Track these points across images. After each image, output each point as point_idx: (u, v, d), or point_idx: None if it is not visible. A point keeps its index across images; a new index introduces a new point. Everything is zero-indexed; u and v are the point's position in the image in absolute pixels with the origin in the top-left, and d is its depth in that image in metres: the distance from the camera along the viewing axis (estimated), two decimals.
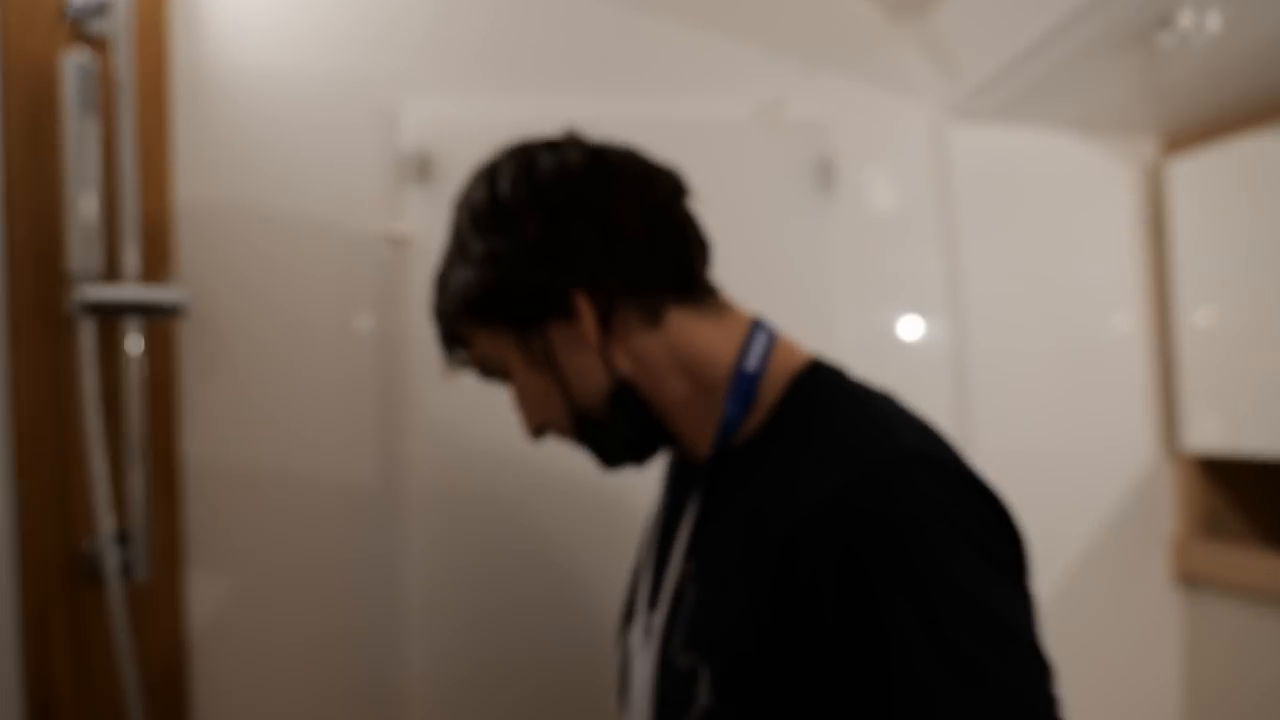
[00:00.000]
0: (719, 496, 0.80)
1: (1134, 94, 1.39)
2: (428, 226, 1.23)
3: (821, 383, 0.79)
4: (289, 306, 1.23)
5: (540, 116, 1.23)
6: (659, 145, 1.03)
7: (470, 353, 0.88)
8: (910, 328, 1.44)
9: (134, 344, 1.12)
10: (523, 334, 0.82)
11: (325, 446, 1.25)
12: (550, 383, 0.83)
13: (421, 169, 1.25)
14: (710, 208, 1.04)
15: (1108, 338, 1.52)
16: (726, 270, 1.06)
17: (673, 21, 1.36)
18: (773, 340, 0.83)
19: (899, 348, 1.44)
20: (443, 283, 0.87)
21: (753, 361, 0.80)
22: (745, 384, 0.80)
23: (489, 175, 0.84)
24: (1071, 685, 1.43)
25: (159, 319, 1.13)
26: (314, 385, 1.24)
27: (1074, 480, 1.49)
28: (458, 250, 0.85)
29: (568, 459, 1.24)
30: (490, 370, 0.88)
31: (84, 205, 1.07)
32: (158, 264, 1.15)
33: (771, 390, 0.80)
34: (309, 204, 1.24)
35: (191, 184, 1.19)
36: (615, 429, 0.84)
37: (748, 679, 0.70)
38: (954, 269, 1.44)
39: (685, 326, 0.82)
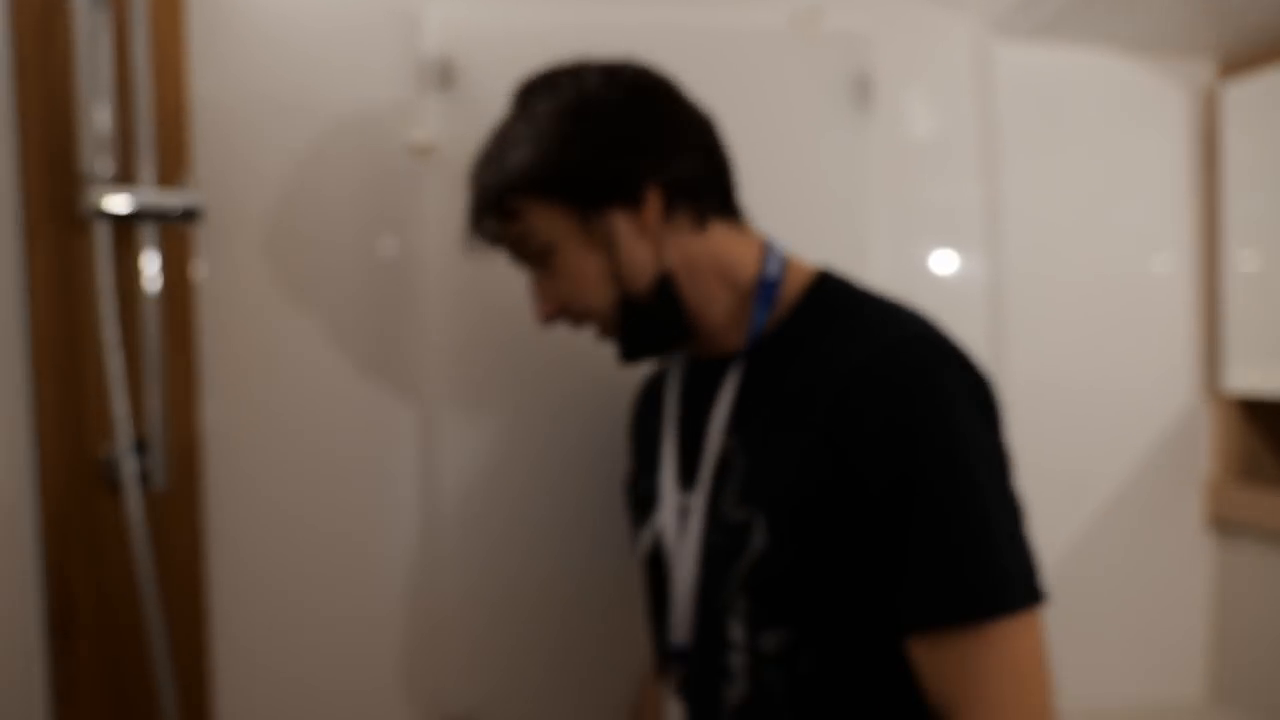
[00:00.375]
0: (756, 381, 0.91)
1: (1192, 9, 1.31)
2: (449, 135, 1.20)
3: (835, 287, 0.93)
4: (307, 214, 1.20)
5: (567, 22, 1.19)
6: (687, 55, 1.00)
7: (513, 228, 0.93)
8: (946, 258, 1.40)
9: (150, 248, 1.10)
10: (585, 214, 0.91)
11: (347, 351, 1.23)
12: (601, 265, 0.92)
13: (444, 75, 1.21)
14: (741, 122, 1.01)
15: (1151, 273, 1.47)
16: (756, 190, 1.03)
17: None
18: (784, 255, 0.96)
19: (933, 278, 1.39)
20: (501, 156, 0.93)
21: (773, 270, 0.93)
22: (769, 289, 0.93)
23: (574, 75, 0.93)
24: (1099, 624, 1.42)
25: (174, 224, 1.11)
26: (333, 293, 1.22)
27: (1109, 419, 1.45)
28: (531, 131, 0.92)
29: (595, 375, 1.23)
30: (527, 248, 0.94)
31: (97, 105, 1.04)
32: (173, 167, 1.12)
33: (789, 294, 0.93)
34: (327, 108, 1.20)
35: (207, 85, 1.16)
36: (653, 316, 0.93)
37: (798, 522, 0.83)
38: (993, 197, 1.39)
39: (723, 236, 0.94)
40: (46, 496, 1.09)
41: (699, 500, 0.92)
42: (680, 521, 0.94)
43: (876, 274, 1.32)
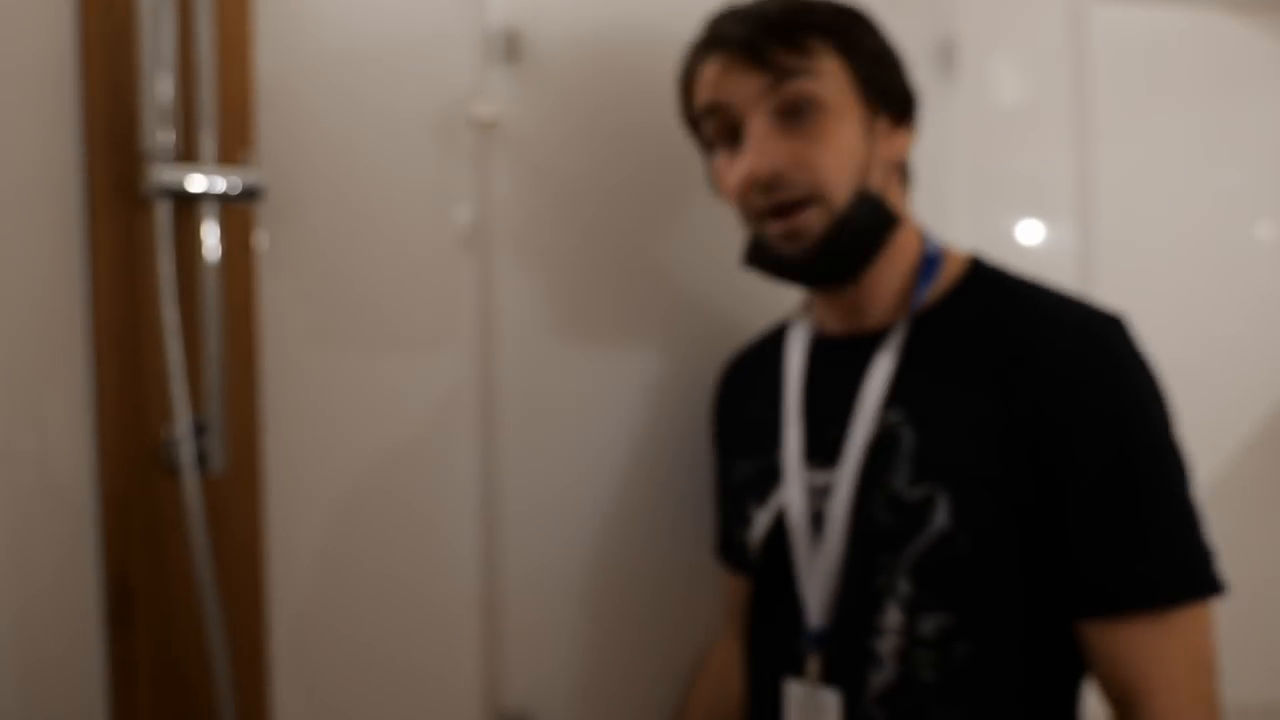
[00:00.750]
0: (921, 355, 0.91)
1: None
2: (514, 109, 1.16)
3: (992, 271, 0.95)
4: (370, 190, 1.17)
5: None
6: None
7: (792, 60, 0.87)
8: (1033, 229, 1.33)
9: (210, 227, 1.07)
10: (870, 100, 0.91)
11: (409, 332, 1.19)
12: (862, 150, 0.90)
13: (510, 48, 1.17)
14: None
15: (1255, 242, 1.39)
16: None
17: None
18: (938, 241, 0.98)
19: (1019, 253, 1.32)
20: (814, 3, 0.91)
21: (934, 250, 0.96)
22: (931, 264, 0.95)
23: None
24: None
25: (236, 203, 1.08)
26: (396, 272, 1.18)
27: (1210, 399, 1.36)
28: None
29: (669, 360, 1.18)
30: (792, 89, 0.87)
31: (160, 81, 1.02)
32: (236, 145, 1.10)
33: (946, 275, 0.95)
34: (391, 80, 1.16)
35: (271, 60, 1.13)
36: (866, 233, 0.90)
37: (985, 500, 0.83)
38: (1085, 165, 1.32)
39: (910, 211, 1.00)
40: (106, 480, 1.07)
41: (845, 476, 0.89)
42: (812, 500, 0.92)
43: (959, 245, 1.26)
